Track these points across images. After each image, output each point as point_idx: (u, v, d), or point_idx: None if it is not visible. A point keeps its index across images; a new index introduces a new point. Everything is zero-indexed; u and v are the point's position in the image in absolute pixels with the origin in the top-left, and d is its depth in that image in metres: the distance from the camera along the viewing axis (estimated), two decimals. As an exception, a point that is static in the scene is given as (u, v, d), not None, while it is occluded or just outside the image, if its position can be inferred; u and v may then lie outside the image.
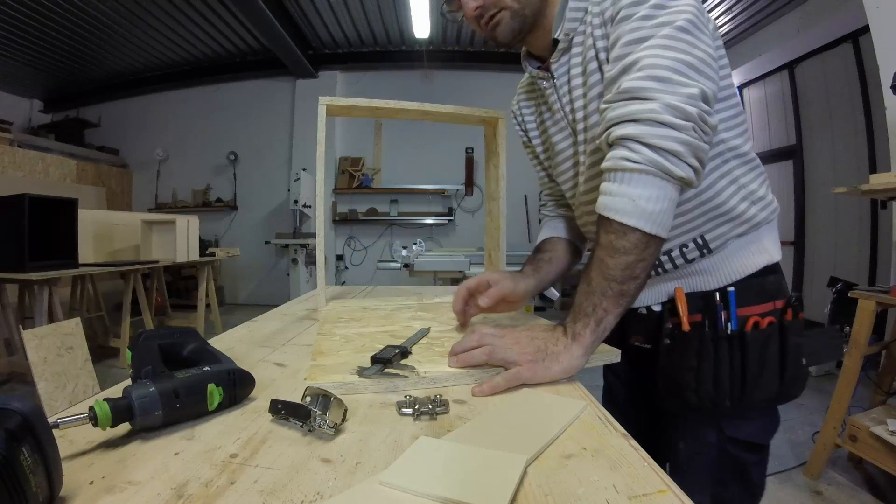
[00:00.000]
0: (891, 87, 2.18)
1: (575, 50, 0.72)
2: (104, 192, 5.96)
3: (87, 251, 3.55)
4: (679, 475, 0.72)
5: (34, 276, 2.70)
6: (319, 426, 0.43)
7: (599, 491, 0.35)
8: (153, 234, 4.02)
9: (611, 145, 0.58)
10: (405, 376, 0.57)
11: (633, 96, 0.55)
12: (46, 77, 5.90)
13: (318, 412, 0.43)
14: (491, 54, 5.95)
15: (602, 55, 0.67)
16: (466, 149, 5.93)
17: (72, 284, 3.87)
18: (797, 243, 4.50)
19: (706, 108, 0.55)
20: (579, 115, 0.74)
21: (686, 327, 0.69)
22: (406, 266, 3.58)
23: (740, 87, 5.10)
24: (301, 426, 0.44)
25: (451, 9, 0.77)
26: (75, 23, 4.76)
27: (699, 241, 0.70)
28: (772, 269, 0.71)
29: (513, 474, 0.36)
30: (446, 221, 6.10)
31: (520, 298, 0.81)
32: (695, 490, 0.69)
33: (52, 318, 2.86)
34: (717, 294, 0.69)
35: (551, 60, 0.76)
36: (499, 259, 1.12)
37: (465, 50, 5.94)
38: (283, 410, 0.46)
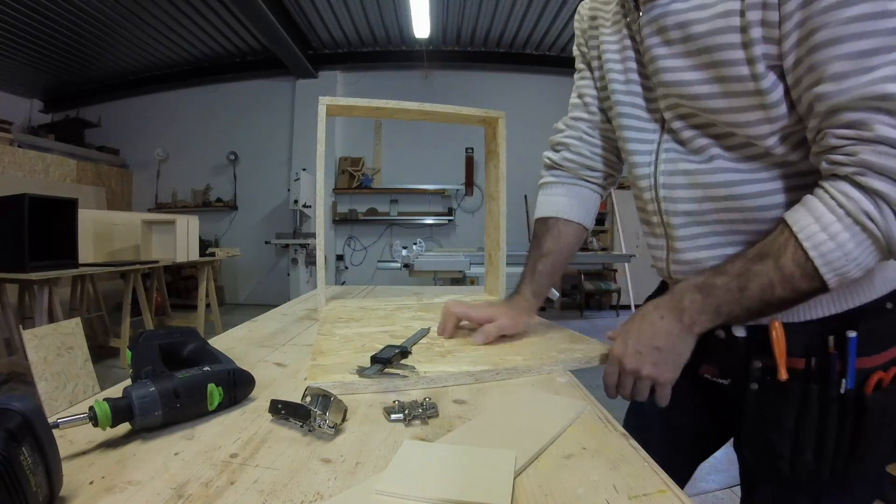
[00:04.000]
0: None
1: None
2: (104, 192, 5.96)
3: (87, 251, 3.54)
4: None
5: (34, 276, 2.69)
6: (319, 426, 0.43)
7: (599, 491, 0.35)
8: (153, 234, 4.02)
9: (844, 178, 0.46)
10: (405, 376, 0.57)
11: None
12: (46, 77, 5.90)
13: (318, 412, 0.43)
14: (491, 54, 5.95)
15: None
16: (466, 149, 5.93)
17: (72, 284, 3.86)
18: None
19: None
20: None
21: (783, 376, 0.55)
22: (406, 266, 3.58)
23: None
24: (301, 426, 0.44)
25: None
26: (75, 23, 4.75)
27: None
28: None
29: (506, 469, 0.36)
30: (446, 221, 6.10)
31: (517, 333, 0.75)
32: None
33: (52, 318, 2.86)
34: (832, 339, 0.53)
35: None
36: (499, 259, 1.12)
37: (465, 50, 5.93)
38: (283, 410, 0.46)
